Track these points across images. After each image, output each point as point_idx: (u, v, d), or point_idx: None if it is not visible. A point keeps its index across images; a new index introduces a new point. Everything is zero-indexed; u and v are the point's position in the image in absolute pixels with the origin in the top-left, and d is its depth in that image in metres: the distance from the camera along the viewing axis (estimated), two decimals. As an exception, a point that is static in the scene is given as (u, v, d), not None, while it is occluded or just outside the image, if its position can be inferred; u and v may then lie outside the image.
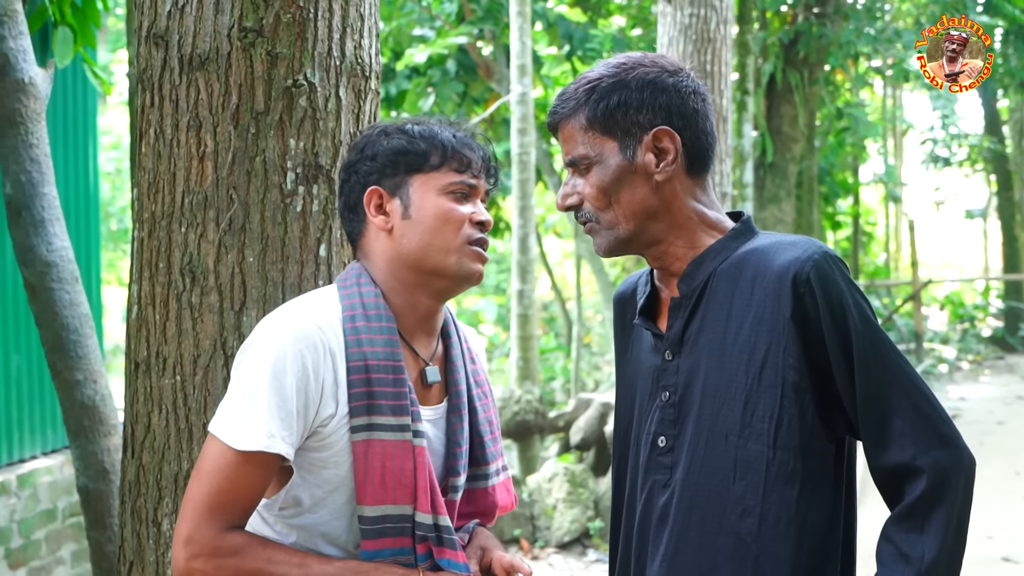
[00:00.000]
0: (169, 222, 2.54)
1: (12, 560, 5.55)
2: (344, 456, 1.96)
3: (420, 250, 2.02)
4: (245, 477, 1.90)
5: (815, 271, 1.84)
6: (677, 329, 1.97)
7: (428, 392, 2.09)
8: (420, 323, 2.08)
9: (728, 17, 6.84)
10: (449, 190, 2.04)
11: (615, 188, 1.93)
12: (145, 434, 2.59)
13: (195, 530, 1.89)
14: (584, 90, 1.93)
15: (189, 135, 2.51)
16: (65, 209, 4.09)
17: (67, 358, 3.59)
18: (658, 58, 1.97)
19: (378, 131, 2.10)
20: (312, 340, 1.92)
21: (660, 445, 1.96)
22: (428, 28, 12.02)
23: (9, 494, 5.58)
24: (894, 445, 1.82)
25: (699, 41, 6.75)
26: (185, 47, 2.51)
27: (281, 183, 2.49)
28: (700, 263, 1.96)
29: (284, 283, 2.49)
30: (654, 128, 1.91)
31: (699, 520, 1.89)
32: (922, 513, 1.80)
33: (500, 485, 2.19)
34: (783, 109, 14.43)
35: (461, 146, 2.06)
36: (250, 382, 1.91)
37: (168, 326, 2.54)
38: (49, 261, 3.61)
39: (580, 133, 1.93)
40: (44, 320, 3.61)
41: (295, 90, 2.49)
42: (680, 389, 1.95)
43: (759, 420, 1.86)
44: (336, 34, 2.54)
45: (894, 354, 1.86)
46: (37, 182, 3.64)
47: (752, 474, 1.86)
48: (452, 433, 2.10)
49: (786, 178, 14.55)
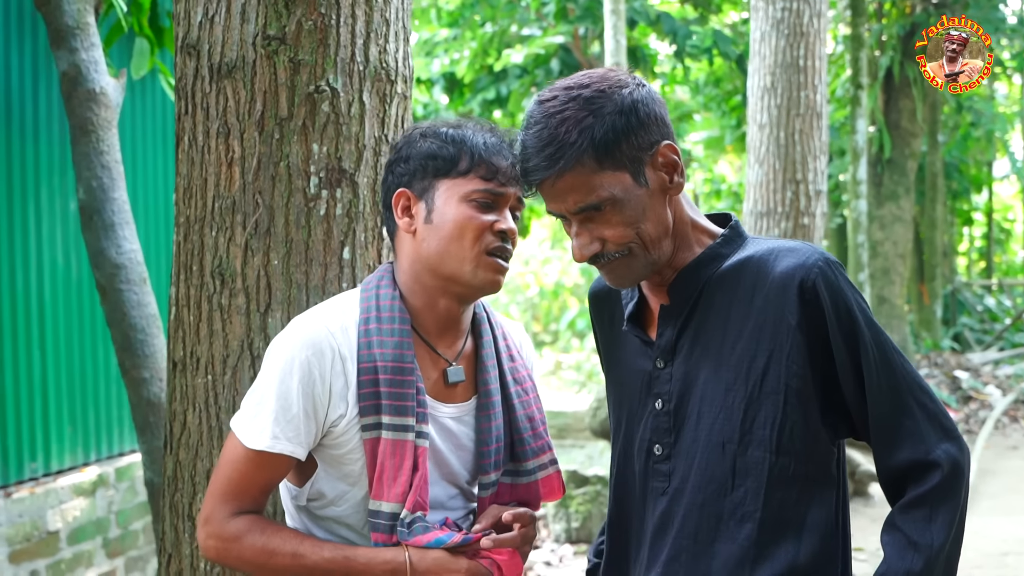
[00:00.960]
0: (201, 226, 2.62)
1: (110, 550, 5.76)
2: (358, 453, 2.04)
3: (438, 256, 2.06)
4: (253, 471, 2.04)
5: (821, 278, 1.82)
6: (669, 337, 1.95)
7: (453, 391, 2.13)
8: (441, 324, 2.12)
9: (822, 10, 6.72)
10: (472, 197, 2.05)
11: (640, 218, 1.87)
12: (181, 431, 2.67)
13: (211, 513, 2.05)
14: (575, 133, 1.81)
15: (219, 141, 2.58)
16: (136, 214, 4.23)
17: (134, 357, 3.72)
18: (608, 74, 1.89)
19: (418, 132, 2.14)
20: (320, 346, 2.01)
21: (656, 453, 1.95)
22: (536, 28, 12.05)
23: (107, 486, 5.79)
24: (906, 443, 1.83)
25: (792, 36, 6.67)
26: (215, 56, 2.58)
27: (305, 187, 2.54)
28: (693, 271, 1.94)
29: (308, 286, 2.54)
30: (654, 146, 1.87)
31: (694, 529, 1.89)
32: (931, 503, 1.81)
33: (548, 478, 2.21)
34: (901, 103, 14.09)
35: (491, 153, 2.07)
36: (261, 385, 2.04)
37: (201, 327, 2.62)
38: (118, 263, 3.75)
39: (589, 178, 1.83)
40: (114, 320, 3.75)
41: (317, 96, 2.54)
42: (675, 397, 1.93)
43: (760, 427, 1.85)
44: (360, 39, 2.59)
45: (897, 355, 1.86)
46: (108, 187, 3.79)
47: (752, 480, 1.85)
48: (480, 432, 2.13)
49: (905, 174, 14.20)
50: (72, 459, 5.71)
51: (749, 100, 6.83)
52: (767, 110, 6.67)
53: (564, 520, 7.32)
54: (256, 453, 2.01)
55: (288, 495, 2.15)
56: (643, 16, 10.88)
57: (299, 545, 2.03)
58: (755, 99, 6.75)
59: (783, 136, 6.62)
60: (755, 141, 6.73)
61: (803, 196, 6.60)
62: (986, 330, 18.34)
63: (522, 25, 11.88)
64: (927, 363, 14.51)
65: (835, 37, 15.55)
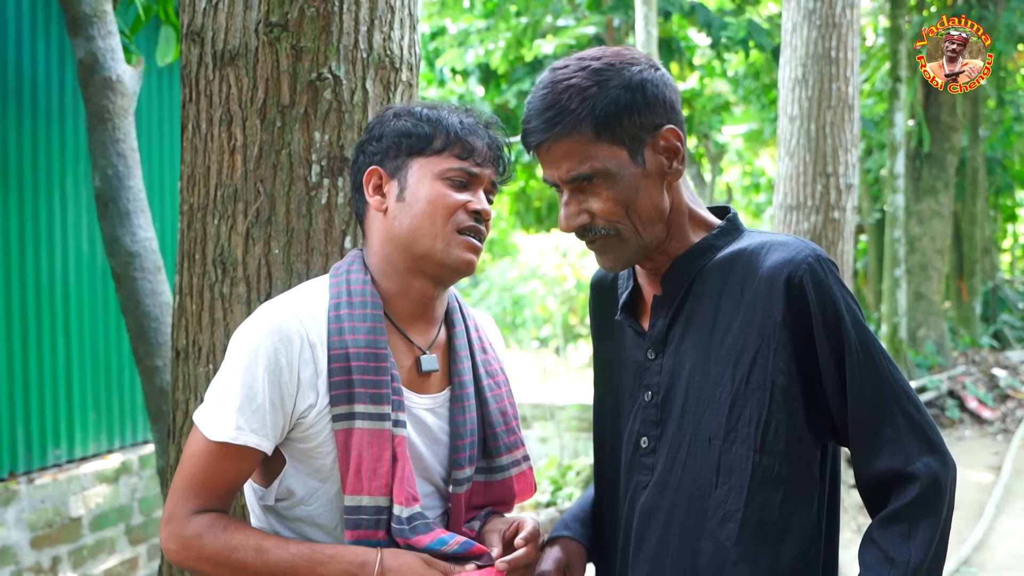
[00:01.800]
0: (204, 214, 2.60)
1: (133, 537, 5.79)
2: (329, 446, 1.95)
3: (410, 234, 2.00)
4: (217, 465, 1.93)
5: (809, 274, 1.79)
6: (660, 328, 1.93)
7: (426, 381, 2.06)
8: (415, 309, 2.06)
9: (855, 1, 6.63)
10: (447, 176, 2.01)
11: (632, 197, 1.85)
12: (183, 420, 2.66)
13: (172, 511, 1.94)
14: (576, 100, 1.81)
15: (221, 129, 2.56)
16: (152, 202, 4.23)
17: (148, 345, 3.72)
18: (623, 51, 1.88)
19: (391, 112, 2.10)
20: (287, 333, 1.92)
21: (643, 446, 1.93)
22: (570, 18, 12.00)
23: (131, 474, 5.82)
24: (885, 451, 1.78)
25: (824, 27, 6.58)
26: (218, 43, 2.56)
27: (306, 176, 2.52)
28: (686, 261, 1.92)
29: (309, 275, 2.52)
30: (658, 128, 1.85)
31: (680, 524, 1.87)
32: (910, 518, 1.76)
33: (520, 476, 2.14)
34: (941, 97, 13.90)
35: (466, 133, 2.03)
36: (225, 374, 1.94)
37: (203, 315, 2.60)
38: (133, 251, 3.75)
39: (584, 147, 1.83)
40: (128, 308, 3.75)
41: (319, 83, 2.51)
42: (663, 390, 1.91)
43: (745, 424, 1.82)
44: (363, 27, 2.56)
45: (885, 360, 1.81)
46: (123, 175, 3.78)
47: (735, 478, 1.82)
48: (455, 424, 2.06)
49: (944, 169, 14.02)
50: (96, 446, 5.74)
51: (780, 92, 6.76)
52: (798, 102, 6.59)
53: (589, 514, 7.27)
54: (219, 445, 1.91)
55: (254, 496, 2.06)
56: (677, 6, 10.79)
57: (263, 541, 1.91)
58: (786, 91, 6.67)
59: (814, 129, 6.54)
60: (786, 133, 6.66)
61: (833, 189, 6.52)
62: (1027, 328, 18.09)
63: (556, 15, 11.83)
64: (964, 360, 14.33)
65: (875, 29, 15.37)
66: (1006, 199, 23.17)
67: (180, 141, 2.76)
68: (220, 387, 1.94)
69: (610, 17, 11.20)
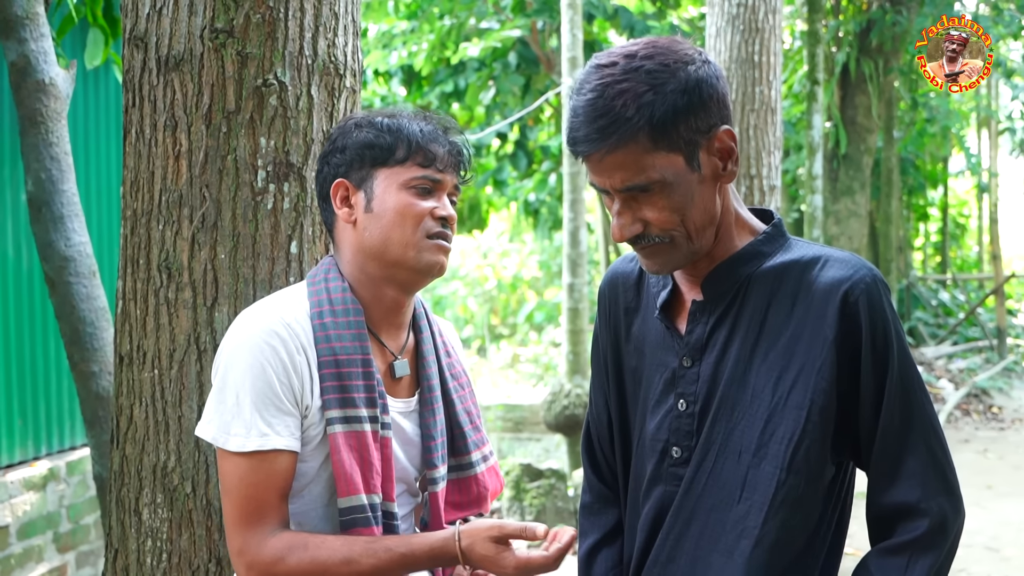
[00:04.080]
0: (148, 219, 2.60)
1: (61, 544, 5.72)
2: (319, 450, 2.01)
3: (381, 243, 2.05)
4: (258, 478, 1.94)
5: (866, 296, 1.75)
6: (700, 335, 1.86)
7: (398, 385, 2.13)
8: (387, 316, 2.12)
9: (777, 6, 6.77)
10: (412, 185, 2.05)
11: (687, 204, 1.76)
12: (128, 426, 2.66)
13: (241, 544, 1.95)
14: (632, 108, 1.69)
15: (166, 135, 2.57)
16: (87, 206, 4.20)
17: (83, 350, 3.70)
18: (674, 46, 1.76)
19: (352, 123, 2.13)
20: (281, 335, 1.97)
21: (674, 456, 1.88)
22: (494, 21, 12.05)
23: (58, 480, 5.74)
24: (902, 484, 1.77)
25: (747, 31, 6.70)
26: (162, 48, 2.57)
27: (252, 181, 2.53)
28: (730, 267, 1.85)
29: (255, 280, 2.53)
30: (713, 130, 1.76)
31: (696, 533, 1.84)
32: (910, 554, 1.75)
33: (487, 472, 2.22)
34: (857, 99, 14.20)
35: (427, 141, 2.07)
36: (232, 385, 1.96)
37: (148, 321, 2.60)
38: (67, 256, 3.72)
39: (641, 157, 1.72)
40: (62, 313, 3.72)
41: (265, 89, 2.53)
42: (701, 399, 1.85)
43: (777, 441, 1.78)
44: (308, 33, 2.58)
45: (922, 393, 1.79)
46: (57, 179, 3.75)
47: (759, 496, 1.79)
48: (425, 426, 2.14)
49: (860, 169, 14.32)
50: (22, 453, 5.65)
51: (705, 95, 6.86)
52: (722, 105, 6.71)
53: (519, 513, 7.34)
54: (250, 456, 1.93)
55: None
56: (600, 10, 10.91)
57: (349, 550, 1.94)
58: (710, 94, 6.77)
59: (738, 132, 6.65)
60: (710, 136, 6.76)
61: (757, 191, 6.65)
62: (940, 324, 18.53)
63: (480, 18, 11.88)
64: (881, 357, 14.60)
65: (792, 33, 15.65)
66: (919, 199, 23.68)
67: (114, 145, 2.76)
68: (230, 398, 1.95)
69: (534, 20, 11.28)
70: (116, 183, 6.09)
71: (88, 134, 5.95)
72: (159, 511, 2.59)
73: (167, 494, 2.58)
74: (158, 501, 2.59)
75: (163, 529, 2.58)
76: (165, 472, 2.59)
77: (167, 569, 2.58)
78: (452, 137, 2.13)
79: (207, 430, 1.98)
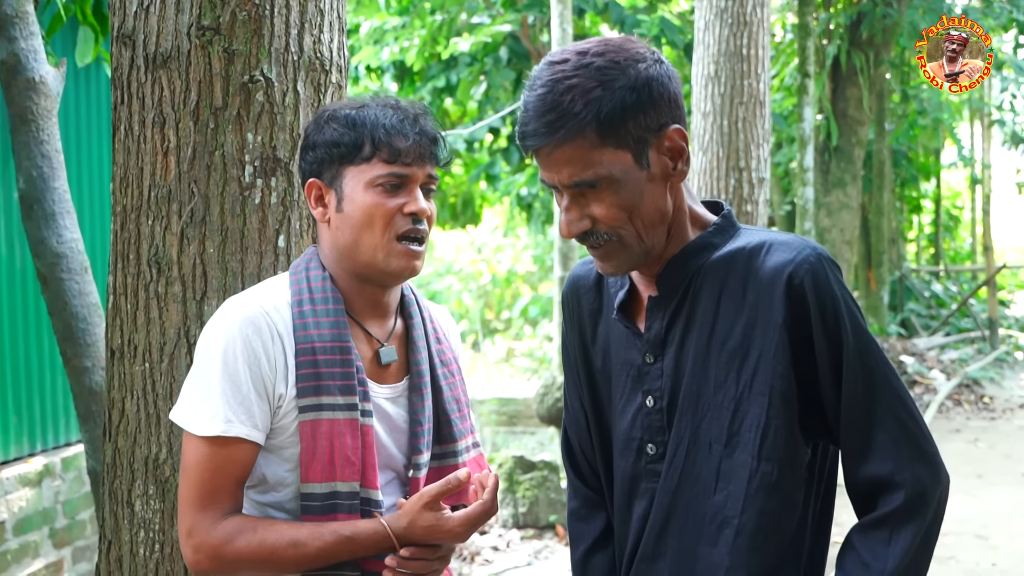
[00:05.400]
0: (138, 215, 2.64)
1: (57, 540, 5.75)
2: (294, 439, 2.02)
3: (352, 245, 2.06)
4: (216, 463, 1.97)
5: (810, 275, 1.75)
6: (658, 330, 1.88)
7: (385, 371, 2.14)
8: (370, 306, 2.13)
9: (765, 0, 6.79)
10: (378, 183, 2.03)
11: (636, 202, 1.78)
12: (120, 419, 2.69)
13: (191, 525, 1.98)
14: (580, 103, 1.71)
15: (154, 131, 2.60)
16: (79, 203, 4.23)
17: (76, 346, 3.73)
18: (626, 44, 1.78)
19: (324, 117, 2.11)
20: (259, 324, 1.99)
21: (650, 452, 1.90)
22: (485, 16, 12.07)
23: (54, 476, 5.77)
24: (875, 458, 1.77)
25: (735, 24, 6.73)
26: (150, 46, 2.60)
27: (240, 176, 2.57)
28: (682, 260, 1.86)
29: (244, 273, 2.57)
30: (663, 128, 1.77)
31: (679, 528, 1.86)
32: (891, 526, 1.75)
33: (471, 461, 2.22)
34: (848, 92, 14.24)
35: (391, 135, 2.03)
36: (205, 371, 1.99)
37: (138, 315, 2.64)
38: (59, 252, 3.76)
39: (588, 152, 1.73)
40: (55, 309, 3.76)
41: (252, 85, 2.56)
42: (666, 394, 1.87)
43: (747, 429, 1.79)
44: (294, 30, 2.61)
45: (883, 365, 1.80)
46: (48, 177, 3.79)
47: (734, 485, 1.80)
48: (413, 412, 2.14)
49: (852, 162, 14.36)
50: (17, 449, 5.69)
51: (693, 88, 6.90)
52: (711, 98, 6.74)
53: (512, 505, 7.38)
54: (212, 441, 1.96)
55: None
56: (591, 5, 10.94)
57: (296, 533, 1.97)
58: (699, 87, 6.81)
59: (727, 124, 6.69)
60: (699, 129, 6.80)
61: (746, 183, 6.68)
62: (933, 316, 18.60)
63: (471, 13, 11.90)
64: (874, 348, 14.66)
65: (783, 26, 15.68)
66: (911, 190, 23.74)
67: (105, 142, 2.79)
68: (201, 383, 1.99)
69: (525, 15, 11.30)
70: (107, 180, 6.11)
71: (79, 131, 5.99)
72: (151, 502, 2.63)
73: (159, 485, 2.62)
74: (150, 492, 2.63)
75: (155, 520, 2.62)
76: (157, 464, 2.63)
77: (160, 559, 2.62)
78: (422, 124, 2.08)
79: (176, 412, 2.02)
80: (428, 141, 2.08)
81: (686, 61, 12.26)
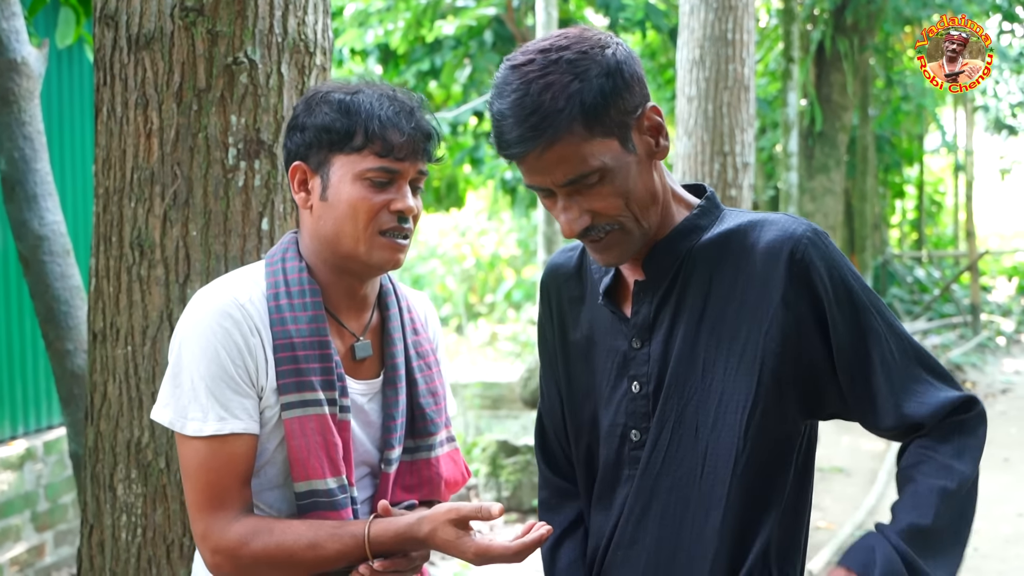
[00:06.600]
0: (120, 197, 2.62)
1: (39, 523, 5.74)
2: (275, 432, 1.97)
3: (333, 234, 1.98)
4: (219, 463, 1.91)
5: (812, 249, 1.75)
6: (645, 315, 1.86)
7: (360, 366, 2.07)
8: (346, 299, 2.06)
9: (750, -15, 6.79)
10: (367, 176, 1.95)
11: (630, 187, 1.76)
12: (102, 402, 2.68)
13: (204, 529, 1.93)
14: (562, 99, 1.68)
15: (137, 113, 2.59)
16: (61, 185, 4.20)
17: (58, 328, 3.71)
18: (585, 34, 1.76)
19: (317, 98, 2.02)
20: (234, 316, 1.92)
21: (634, 439, 1.87)
22: None
23: (36, 460, 5.76)
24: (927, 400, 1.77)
25: (720, 9, 6.72)
26: (132, 27, 2.59)
27: (223, 159, 2.56)
28: (670, 244, 1.84)
29: (227, 256, 2.56)
30: (640, 108, 1.76)
31: (659, 513, 1.84)
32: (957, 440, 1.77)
33: (445, 456, 2.17)
34: (832, 77, 14.26)
35: (385, 128, 1.95)
36: (186, 368, 1.92)
37: (120, 298, 2.63)
38: (41, 235, 3.74)
39: (578, 147, 1.70)
40: (37, 292, 3.74)
41: (235, 67, 2.55)
42: (653, 379, 1.85)
43: (733, 412, 1.78)
44: (278, 11, 2.60)
45: (895, 318, 1.82)
46: (30, 158, 3.76)
47: (721, 468, 1.79)
48: (387, 406, 2.08)
49: (836, 147, 14.40)
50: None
51: (678, 73, 6.89)
52: (696, 83, 6.74)
53: (495, 489, 7.39)
54: (209, 441, 1.90)
55: None
56: (577, -13, 10.94)
57: (315, 535, 1.91)
58: (684, 72, 6.81)
59: (711, 109, 6.69)
60: (684, 113, 6.80)
61: (731, 168, 6.68)
62: (916, 301, 18.66)
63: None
64: (857, 333, 14.71)
65: (768, 10, 15.68)
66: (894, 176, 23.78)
67: (88, 124, 2.78)
68: (185, 382, 1.92)
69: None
70: (90, 162, 6.07)
71: (62, 113, 5.95)
72: (133, 486, 2.62)
73: (141, 469, 2.61)
74: (132, 477, 2.62)
75: (138, 504, 2.61)
76: (139, 448, 2.62)
77: (142, 544, 2.61)
78: (418, 118, 2.00)
79: (163, 414, 1.94)
80: (423, 136, 2.00)
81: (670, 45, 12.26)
